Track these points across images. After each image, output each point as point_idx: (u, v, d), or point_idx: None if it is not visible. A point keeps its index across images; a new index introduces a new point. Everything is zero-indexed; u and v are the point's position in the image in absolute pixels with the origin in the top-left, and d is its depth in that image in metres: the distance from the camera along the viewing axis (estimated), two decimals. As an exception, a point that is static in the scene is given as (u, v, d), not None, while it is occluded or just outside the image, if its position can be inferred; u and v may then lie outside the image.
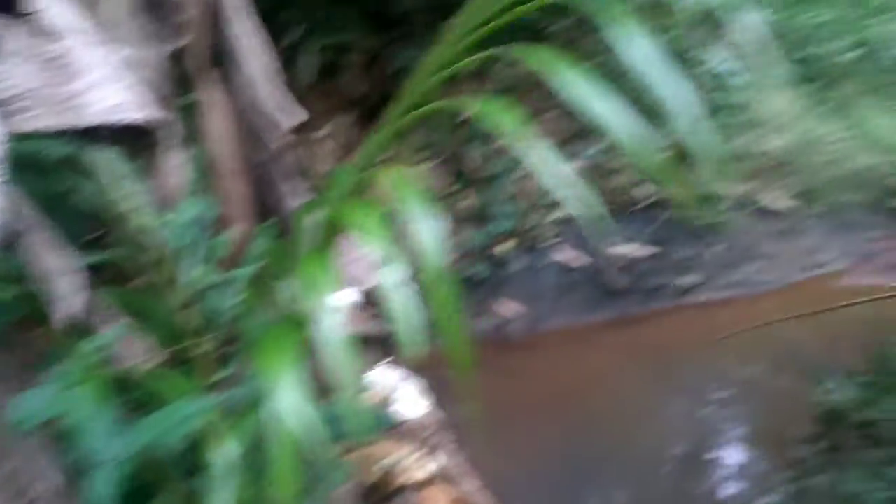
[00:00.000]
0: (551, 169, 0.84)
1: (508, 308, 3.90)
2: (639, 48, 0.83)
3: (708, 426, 3.32)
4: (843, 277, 4.27)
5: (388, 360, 2.81)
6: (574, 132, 4.50)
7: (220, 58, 2.00)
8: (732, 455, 3.14)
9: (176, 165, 1.75)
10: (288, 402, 0.88)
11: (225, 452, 1.14)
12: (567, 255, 4.06)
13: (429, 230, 0.85)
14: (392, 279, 0.84)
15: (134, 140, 1.44)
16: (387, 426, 2.16)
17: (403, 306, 0.83)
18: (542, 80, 0.87)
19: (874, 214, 4.68)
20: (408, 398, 2.46)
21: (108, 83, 1.27)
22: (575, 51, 4.54)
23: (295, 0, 3.77)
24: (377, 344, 2.37)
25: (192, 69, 1.95)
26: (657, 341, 3.82)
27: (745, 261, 4.32)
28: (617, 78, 0.89)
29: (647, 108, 0.85)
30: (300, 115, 2.03)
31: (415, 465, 2.19)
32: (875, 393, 2.68)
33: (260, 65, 1.98)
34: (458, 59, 1.02)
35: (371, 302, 1.62)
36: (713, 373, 3.40)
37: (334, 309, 0.89)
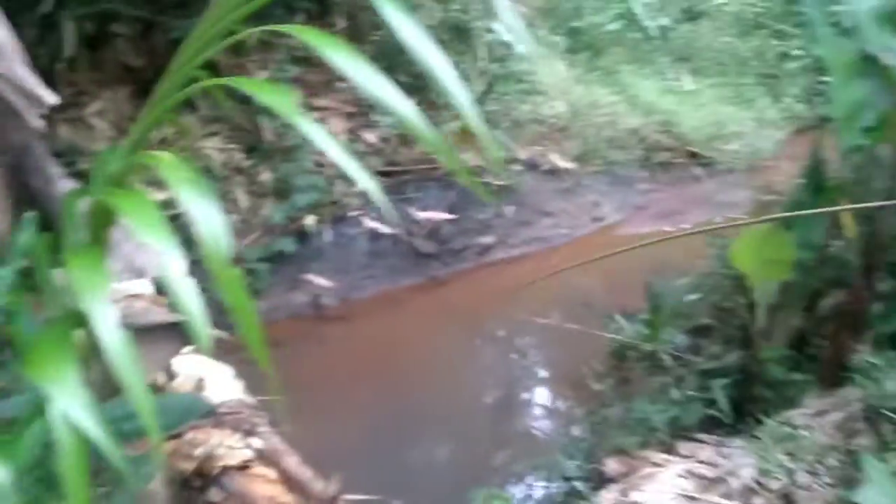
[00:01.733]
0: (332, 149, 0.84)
1: (320, 280, 3.84)
2: (406, 27, 0.86)
3: (515, 373, 3.55)
4: (623, 227, 4.75)
5: (194, 346, 2.65)
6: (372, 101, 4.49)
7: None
8: (540, 396, 3.40)
9: None
10: (69, 407, 0.80)
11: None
12: (374, 224, 4.07)
13: (206, 216, 0.80)
14: (171, 270, 0.78)
15: None
16: (201, 412, 2.07)
17: (186, 297, 0.79)
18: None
19: (643, 169, 5.24)
20: (219, 383, 2.36)
21: None
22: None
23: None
24: (180, 331, 2.23)
25: None
26: (463, 300, 3.99)
27: (537, 218, 4.63)
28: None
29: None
30: (50, 96, 1.79)
31: (234, 447, 2.11)
32: (653, 327, 3.02)
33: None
34: (227, 32, 0.96)
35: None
36: (515, 324, 3.64)
37: (110, 306, 0.81)
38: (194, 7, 3.84)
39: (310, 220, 3.94)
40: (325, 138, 0.84)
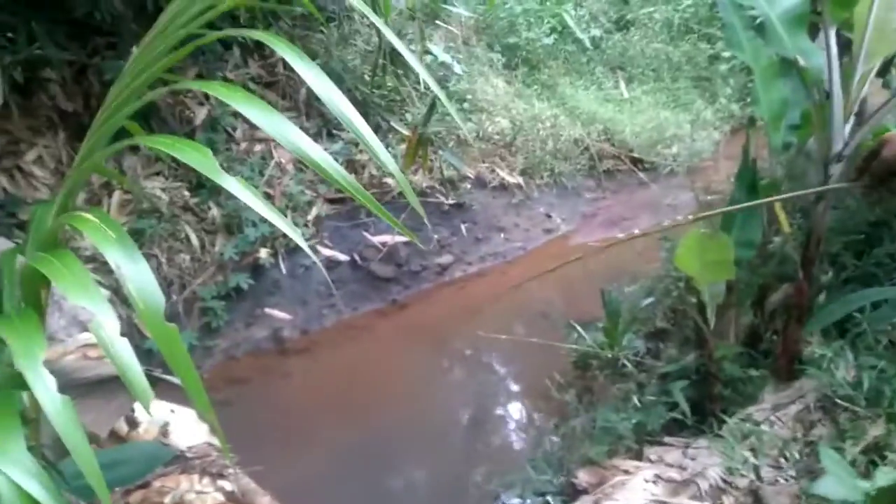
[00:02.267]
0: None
1: (279, 313, 3.79)
2: (306, 69, 0.92)
3: (482, 390, 3.56)
4: (574, 236, 4.83)
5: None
6: (317, 129, 4.49)
7: None
8: (508, 412, 3.41)
9: None
10: (13, 473, 0.79)
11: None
12: (329, 252, 4.05)
13: (135, 274, 0.81)
14: (105, 329, 0.79)
15: None
16: (165, 459, 2.02)
17: (121, 356, 0.80)
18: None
19: (589, 178, 5.35)
20: (184, 426, 2.31)
21: None
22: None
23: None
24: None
25: None
26: (425, 321, 3.99)
27: (491, 234, 4.68)
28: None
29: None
30: None
31: (204, 492, 2.06)
32: (612, 334, 3.07)
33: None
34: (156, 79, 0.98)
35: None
36: (478, 341, 3.65)
37: (45, 370, 0.81)
38: (127, 48, 3.79)
39: (263, 254, 3.90)
40: (241, 190, 0.87)
